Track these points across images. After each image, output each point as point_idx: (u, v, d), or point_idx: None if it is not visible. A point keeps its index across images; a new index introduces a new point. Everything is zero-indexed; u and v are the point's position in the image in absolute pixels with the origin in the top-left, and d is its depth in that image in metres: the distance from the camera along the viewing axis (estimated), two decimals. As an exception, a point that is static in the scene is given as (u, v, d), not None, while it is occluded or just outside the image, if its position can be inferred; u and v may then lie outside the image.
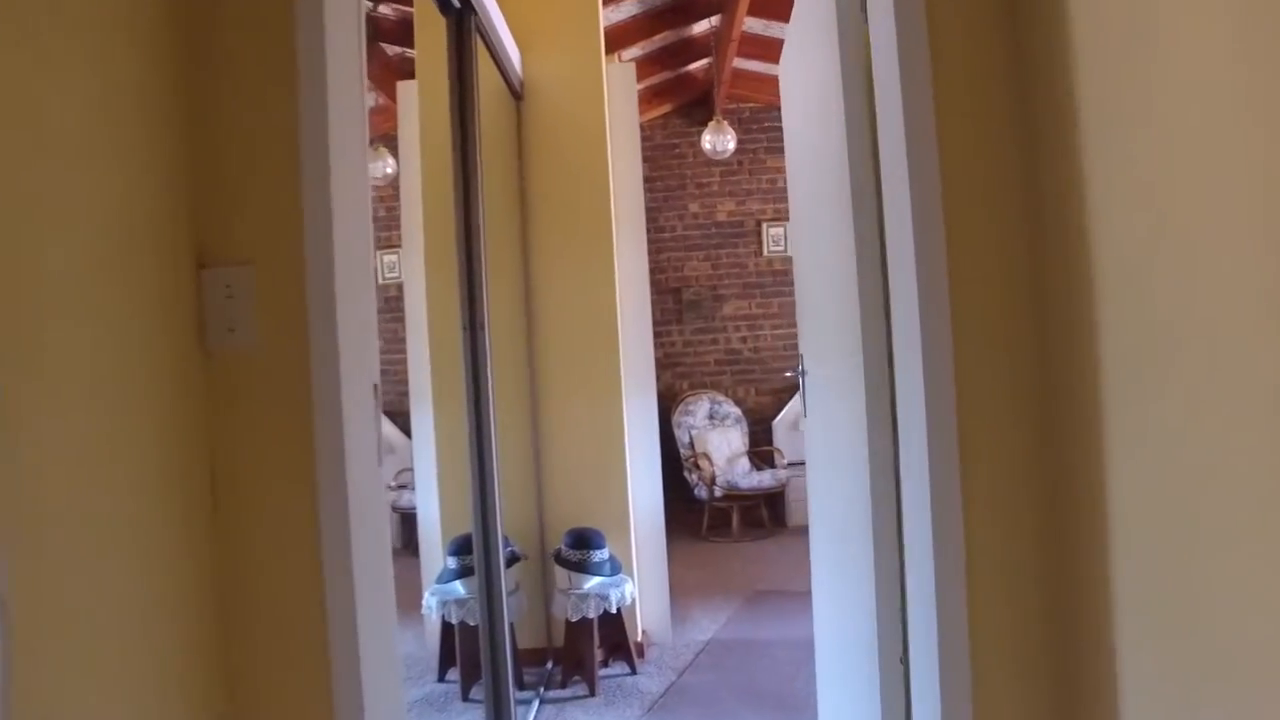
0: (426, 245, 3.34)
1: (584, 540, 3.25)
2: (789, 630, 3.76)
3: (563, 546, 3.26)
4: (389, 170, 4.66)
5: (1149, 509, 1.02)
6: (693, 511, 6.06)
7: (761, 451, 6.27)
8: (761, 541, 5.62)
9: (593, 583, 3.20)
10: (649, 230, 6.84)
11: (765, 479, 5.66)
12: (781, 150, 6.94)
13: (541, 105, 3.41)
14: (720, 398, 6.31)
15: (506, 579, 3.17)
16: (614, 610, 3.21)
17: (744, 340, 6.59)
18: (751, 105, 6.55)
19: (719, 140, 5.03)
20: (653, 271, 6.64)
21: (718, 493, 5.63)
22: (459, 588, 3.21)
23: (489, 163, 3.30)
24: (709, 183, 6.62)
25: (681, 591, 4.38)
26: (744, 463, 6.03)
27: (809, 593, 2.45)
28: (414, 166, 3.52)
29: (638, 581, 3.54)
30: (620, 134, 3.63)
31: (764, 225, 6.59)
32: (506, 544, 3.23)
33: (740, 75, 6.28)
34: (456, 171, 2.53)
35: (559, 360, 3.39)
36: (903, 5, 1.24)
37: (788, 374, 2.07)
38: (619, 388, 3.36)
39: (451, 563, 3.23)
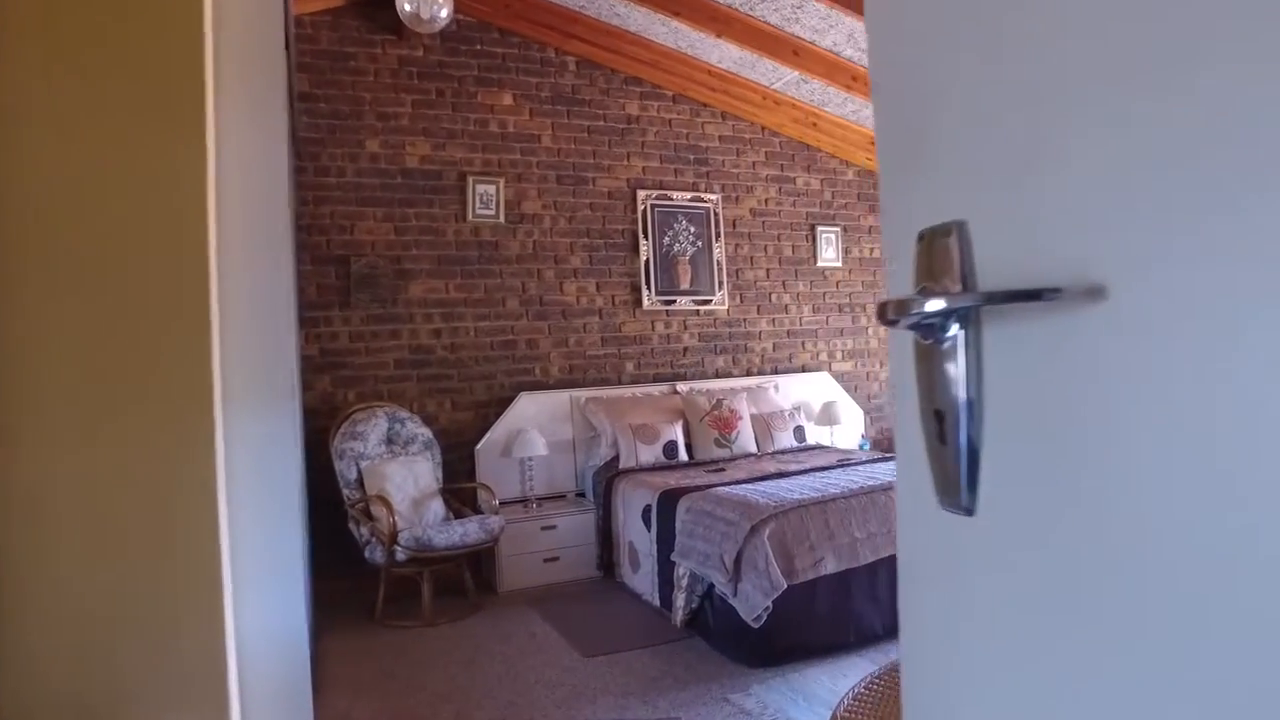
0: None
1: (102, 759, 1.34)
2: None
3: (37, 787, 1.32)
4: None
5: None
6: (363, 580, 4.17)
7: (461, 489, 4.57)
8: (466, 622, 3.90)
9: None
10: (307, 172, 4.82)
11: (470, 530, 3.97)
12: (497, 84, 5.33)
13: None
14: (403, 414, 4.49)
15: None
16: None
17: (438, 334, 4.84)
18: (461, 18, 4.86)
19: (425, 2, 3.26)
20: (307, 230, 4.65)
21: (401, 554, 3.82)
22: None
23: None
24: (397, 115, 4.78)
25: (341, 752, 2.56)
26: (437, 506, 4.27)
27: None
28: None
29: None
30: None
31: (471, 180, 4.91)
32: None
33: (447, -33, 4.56)
34: None
35: (59, 348, 1.44)
36: None
37: (899, 322, 0.29)
38: (209, 403, 1.50)
39: None
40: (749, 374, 5.86)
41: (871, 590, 3.42)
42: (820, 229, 6.18)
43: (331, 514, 4.17)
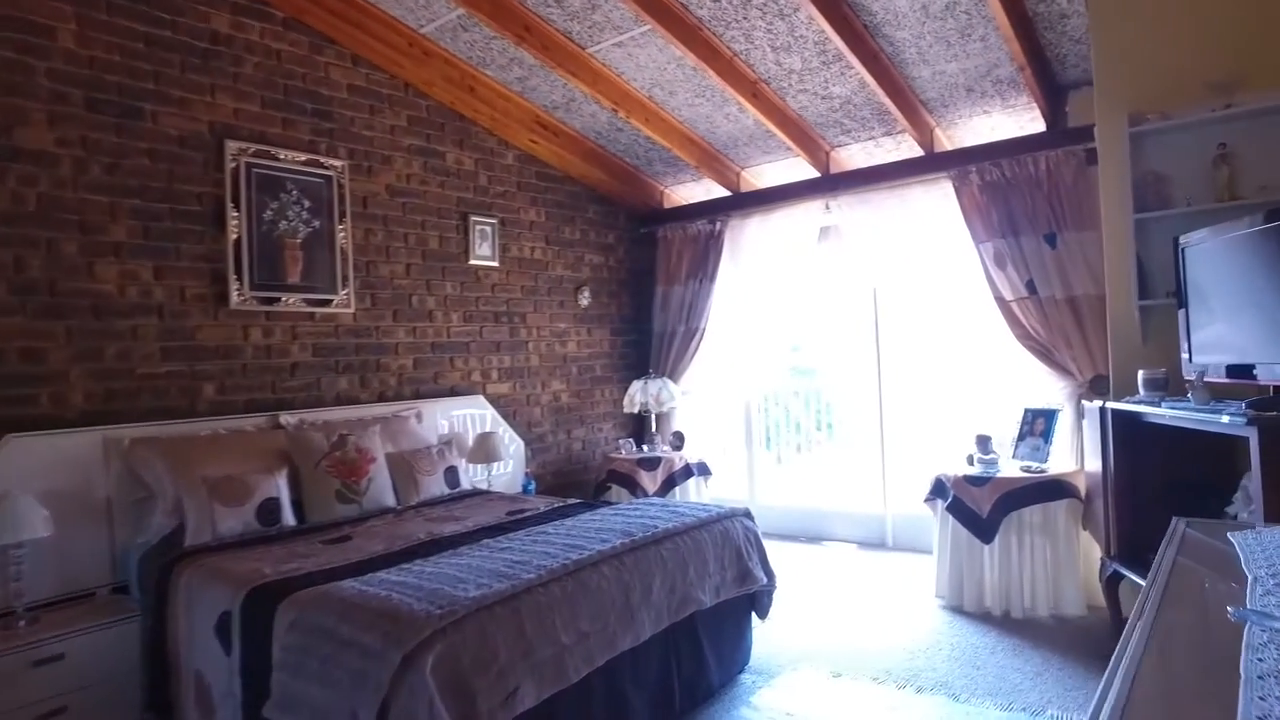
0: None
1: None
2: None
3: None
4: None
5: None
6: None
7: None
8: None
9: None
10: None
11: None
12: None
13: None
14: None
15: None
16: None
17: None
18: None
19: None
20: None
21: None
22: None
23: None
24: None
25: None
26: None
27: None
28: None
29: None
30: None
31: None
32: None
33: None
34: None
35: None
36: None
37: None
38: None
39: None
40: (383, 399, 4.52)
41: (584, 717, 2.37)
42: (474, 219, 5.08)
43: None
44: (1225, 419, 2.35)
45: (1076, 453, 4.24)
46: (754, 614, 3.29)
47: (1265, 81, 3.13)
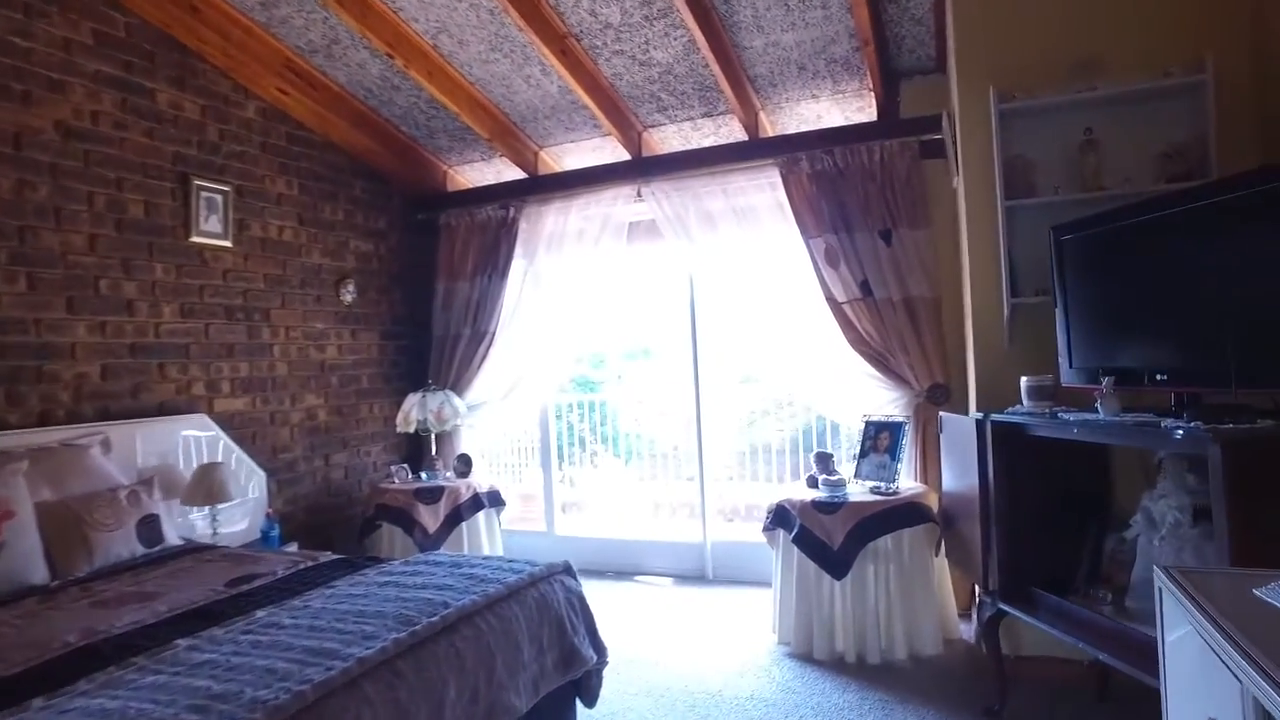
0: None
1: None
2: None
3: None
4: None
5: None
6: None
7: None
8: None
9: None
10: None
11: None
12: None
13: None
14: None
15: None
16: None
17: None
18: None
19: None
20: None
21: None
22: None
23: None
24: None
25: None
26: None
27: None
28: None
29: None
30: None
31: None
32: None
33: None
34: None
35: None
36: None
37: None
38: None
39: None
40: (47, 422, 3.21)
41: None
42: (199, 184, 3.85)
43: None
44: (1180, 435, 1.91)
45: (915, 469, 3.88)
46: (579, 701, 2.48)
47: (1126, 63, 2.87)
